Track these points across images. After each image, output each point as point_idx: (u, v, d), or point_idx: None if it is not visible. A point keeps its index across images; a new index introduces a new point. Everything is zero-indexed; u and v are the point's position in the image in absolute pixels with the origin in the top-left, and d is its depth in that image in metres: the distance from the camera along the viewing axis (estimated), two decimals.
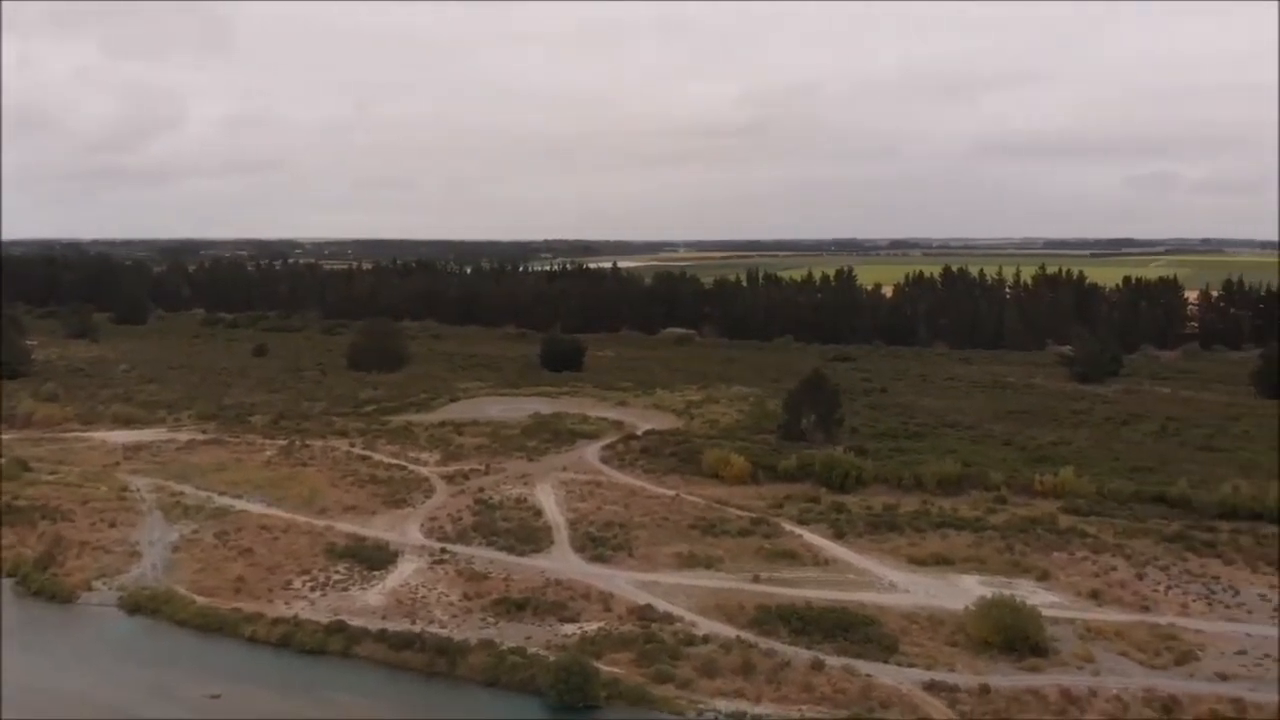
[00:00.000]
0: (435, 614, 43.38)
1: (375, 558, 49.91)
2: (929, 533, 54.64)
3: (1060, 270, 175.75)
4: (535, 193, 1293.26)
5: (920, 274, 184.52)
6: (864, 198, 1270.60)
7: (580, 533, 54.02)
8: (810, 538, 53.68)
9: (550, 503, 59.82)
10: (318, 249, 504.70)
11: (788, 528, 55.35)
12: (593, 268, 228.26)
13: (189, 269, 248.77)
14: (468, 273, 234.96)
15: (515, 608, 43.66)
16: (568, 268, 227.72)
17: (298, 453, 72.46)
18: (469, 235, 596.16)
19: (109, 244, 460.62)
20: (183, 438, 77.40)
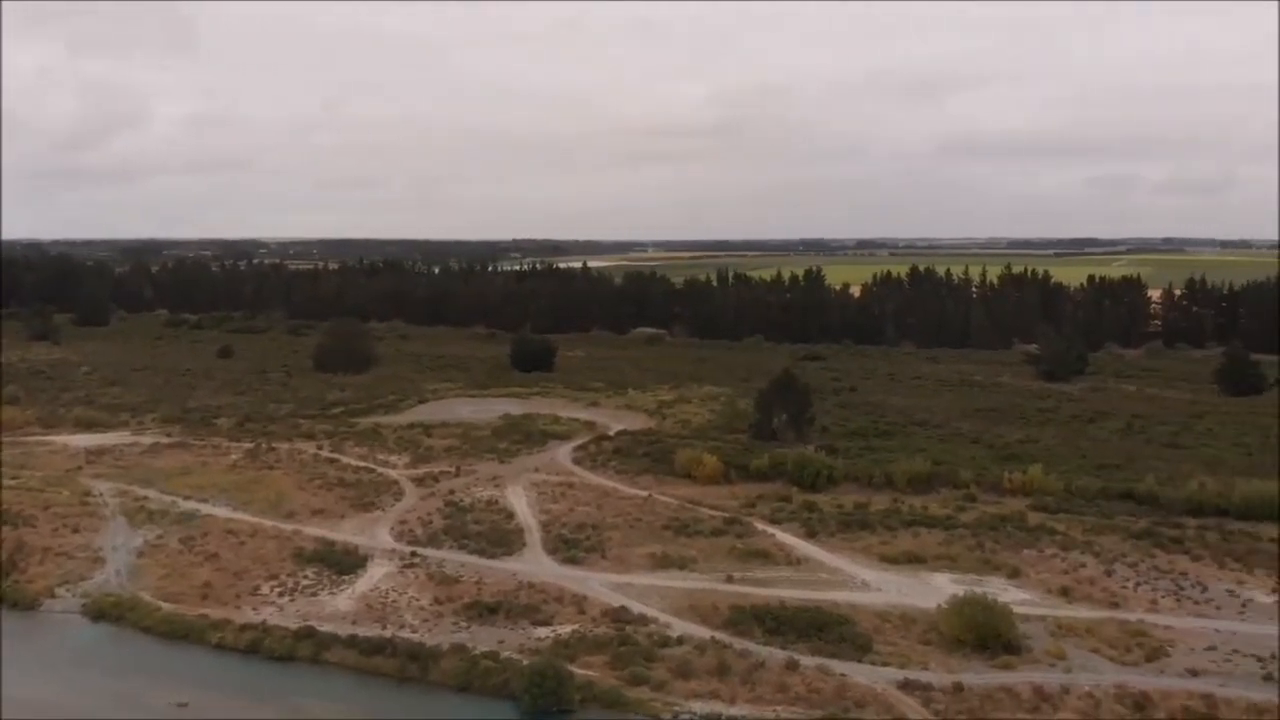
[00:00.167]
0: (406, 618, 42.91)
1: (344, 562, 49.35)
2: (900, 531, 54.90)
3: (1025, 270, 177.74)
4: (503, 192, 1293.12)
5: (888, 274, 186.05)
6: (831, 198, 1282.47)
7: (553, 535, 53.73)
8: (783, 537, 53.74)
9: (522, 505, 59.46)
10: (283, 249, 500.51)
11: (760, 527, 55.39)
12: (562, 267, 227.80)
13: (152, 269, 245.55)
14: (436, 272, 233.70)
15: (487, 611, 43.30)
16: (537, 267, 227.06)
17: (264, 456, 71.55)
18: (436, 235, 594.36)
19: (70, 244, 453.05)
20: (146, 441, 76.26)
